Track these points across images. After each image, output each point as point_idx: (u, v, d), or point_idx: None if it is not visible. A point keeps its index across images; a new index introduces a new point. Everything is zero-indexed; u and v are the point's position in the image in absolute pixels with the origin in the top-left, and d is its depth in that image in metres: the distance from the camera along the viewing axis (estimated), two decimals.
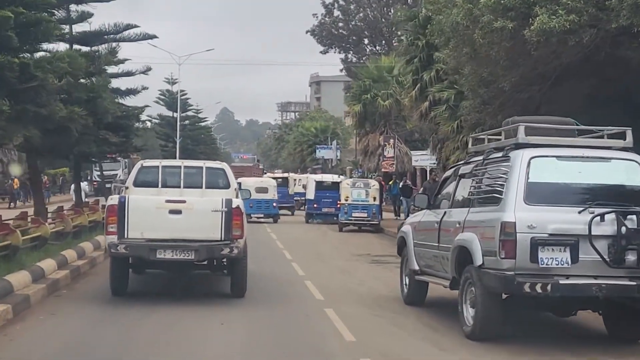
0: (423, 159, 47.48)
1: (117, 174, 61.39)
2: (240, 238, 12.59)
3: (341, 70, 69.16)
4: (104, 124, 25.42)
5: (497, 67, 18.92)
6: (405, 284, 13.32)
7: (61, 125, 19.64)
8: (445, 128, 28.12)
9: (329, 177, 36.60)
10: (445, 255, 11.24)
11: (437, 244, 11.71)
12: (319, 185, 34.63)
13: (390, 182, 43.07)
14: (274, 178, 45.16)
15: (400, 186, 39.17)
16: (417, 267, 12.60)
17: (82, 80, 22.50)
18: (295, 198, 46.36)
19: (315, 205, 34.42)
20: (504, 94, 19.27)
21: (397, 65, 51.67)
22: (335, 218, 33.44)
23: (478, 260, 9.95)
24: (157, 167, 13.83)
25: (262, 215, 35.97)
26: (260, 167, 74.41)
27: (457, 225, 10.90)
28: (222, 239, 12.45)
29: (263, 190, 35.19)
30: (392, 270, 17.03)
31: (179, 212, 12.53)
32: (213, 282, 14.85)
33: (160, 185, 13.48)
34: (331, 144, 74.98)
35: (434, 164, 46.84)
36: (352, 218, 29.50)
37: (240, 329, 11.06)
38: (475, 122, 22.21)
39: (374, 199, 29.82)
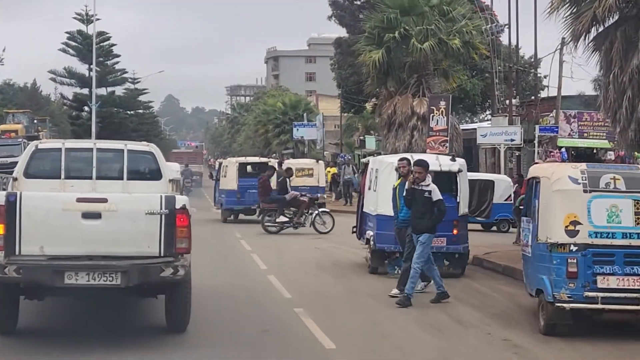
0: (495, 134, 29.53)
1: (15, 161, 43.07)
2: (187, 252, 9.79)
3: (329, 18, 50.64)
4: None
5: None
6: None
7: None
8: None
9: (436, 161, 15.25)
10: None
11: None
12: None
13: None
14: (246, 164, 31.88)
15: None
16: None
17: None
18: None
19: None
20: None
21: None
22: (446, 263, 15.32)
23: None
24: (59, 149, 10.66)
25: None
26: (203, 152, 66.36)
27: None
28: (162, 254, 9.57)
29: None
30: None
31: (97, 215, 9.55)
32: (141, 309, 11.55)
33: (63, 176, 10.44)
34: (314, 121, 56.72)
35: (511, 141, 29.10)
36: (612, 298, 10.06)
37: None
38: None
39: None
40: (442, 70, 33.99)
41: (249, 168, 31.60)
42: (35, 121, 58.04)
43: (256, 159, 33.92)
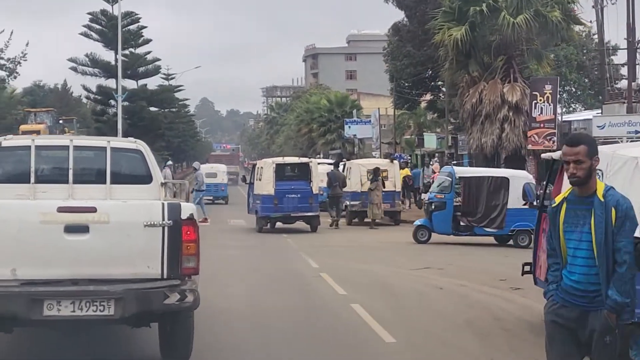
0: (615, 124, 23.88)
1: None
2: (196, 273, 8.13)
3: (386, 1, 45.18)
4: None
5: None
6: None
7: None
8: None
9: None
10: None
11: None
12: None
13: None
14: (284, 165, 27.39)
15: None
16: None
17: None
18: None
19: None
20: None
21: None
22: None
23: None
24: (27, 147, 8.93)
25: (211, 198, 38.82)
26: (239, 154, 79.27)
27: None
28: (165, 276, 7.95)
29: (212, 175, 39.83)
30: None
31: (84, 229, 7.92)
32: (129, 339, 9.61)
33: (33, 180, 8.91)
34: (365, 117, 51.28)
35: (636, 133, 23.47)
36: None
37: None
38: None
39: None
40: (534, 51, 28.44)
41: (287, 170, 27.36)
42: (60, 121, 53.32)
43: (295, 160, 28.95)
